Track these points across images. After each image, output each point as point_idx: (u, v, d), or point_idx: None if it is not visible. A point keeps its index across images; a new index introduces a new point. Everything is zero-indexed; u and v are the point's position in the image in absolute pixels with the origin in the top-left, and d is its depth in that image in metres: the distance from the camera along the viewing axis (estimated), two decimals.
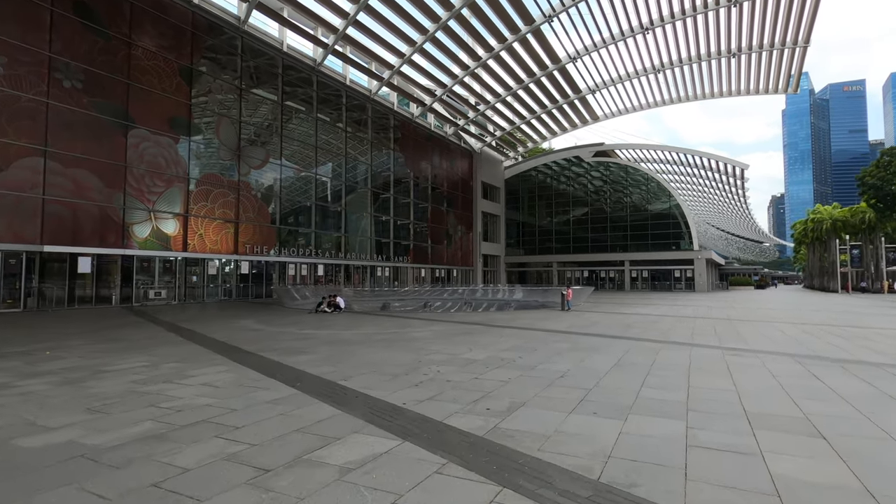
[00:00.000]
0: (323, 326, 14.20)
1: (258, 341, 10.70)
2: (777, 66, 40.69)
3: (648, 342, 10.80)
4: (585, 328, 13.90)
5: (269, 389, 6.07)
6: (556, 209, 58.76)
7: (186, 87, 25.61)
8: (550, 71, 41.07)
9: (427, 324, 15.27)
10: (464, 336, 11.79)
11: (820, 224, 55.32)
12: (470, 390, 6.03)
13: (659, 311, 21.64)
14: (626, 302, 29.47)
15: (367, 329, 13.69)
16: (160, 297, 23.97)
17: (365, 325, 14.72)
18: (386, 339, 11.27)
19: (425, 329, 13.49)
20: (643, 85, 46.04)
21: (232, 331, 12.76)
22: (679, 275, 50.88)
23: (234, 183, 28.11)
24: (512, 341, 10.78)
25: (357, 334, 12.21)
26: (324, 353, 9.08)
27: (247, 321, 15.55)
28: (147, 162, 23.66)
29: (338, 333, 12.37)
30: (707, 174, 57.49)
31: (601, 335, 12.11)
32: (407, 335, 12.00)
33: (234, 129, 28.23)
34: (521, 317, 18.33)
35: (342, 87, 36.39)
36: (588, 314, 19.20)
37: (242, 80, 28.85)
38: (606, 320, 16.62)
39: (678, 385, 6.39)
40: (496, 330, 13.31)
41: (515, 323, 15.55)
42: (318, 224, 34.92)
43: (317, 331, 13.01)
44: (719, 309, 23.44)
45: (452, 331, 13.05)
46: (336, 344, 10.30)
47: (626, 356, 8.66)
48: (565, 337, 11.60)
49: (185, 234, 25.36)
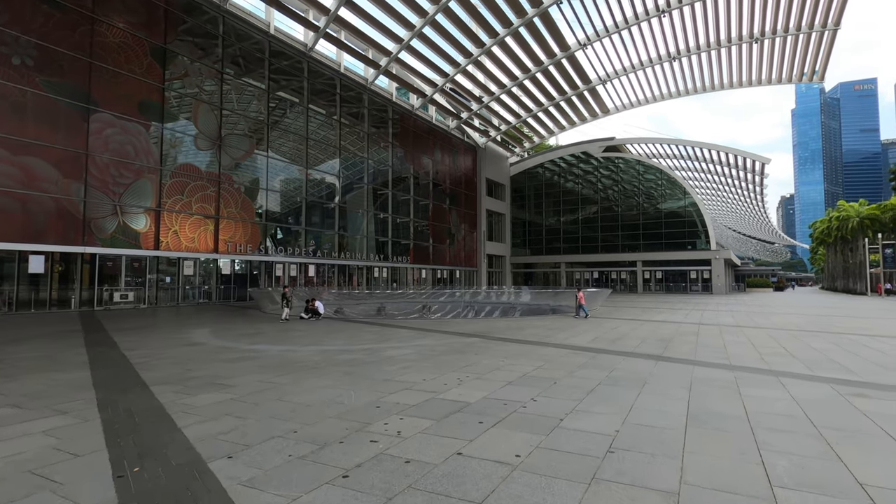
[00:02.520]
0: (283, 339, 11.63)
1: (179, 364, 8.12)
2: (803, 52, 37.89)
3: (711, 368, 7.89)
4: (613, 343, 11.20)
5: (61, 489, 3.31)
6: (565, 207, 56.01)
7: (159, 69, 23.25)
8: (559, 59, 38.48)
9: (415, 335, 12.71)
10: (456, 356, 9.05)
11: (846, 222, 52.16)
12: (439, 495, 3.23)
13: (690, 317, 18.94)
14: (646, 306, 26.77)
15: (337, 343, 11.09)
16: (127, 300, 21.58)
17: (337, 338, 12.13)
18: (351, 360, 8.67)
19: (409, 344, 10.86)
20: (657, 74, 43.35)
21: (164, 347, 10.24)
22: (695, 276, 48.01)
23: (215, 175, 25.72)
24: (520, 365, 8.08)
25: (317, 352, 9.56)
26: (246, 387, 6.45)
27: (199, 332, 13.02)
28: (113, 150, 21.30)
29: (293, 351, 9.77)
30: (723, 170, 54.63)
31: (638, 355, 9.42)
32: (382, 354, 9.37)
33: (215, 116, 25.85)
34: (530, 325, 15.75)
35: (336, 75, 33.98)
36: (608, 322, 16.56)
37: (224, 64, 26.47)
38: (635, 330, 13.90)
39: (836, 477, 3.54)
40: (500, 346, 10.60)
41: (524, 334, 12.96)
42: (310, 221, 32.49)
43: (271, 346, 10.45)
44: (760, 315, 20.63)
45: (443, 347, 10.38)
46: (276, 370, 7.65)
47: (697, 398, 5.82)
48: (592, 358, 8.94)
49: (158, 230, 22.98)
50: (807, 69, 39.85)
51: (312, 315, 16.64)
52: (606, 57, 40.07)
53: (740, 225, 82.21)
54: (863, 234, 48.94)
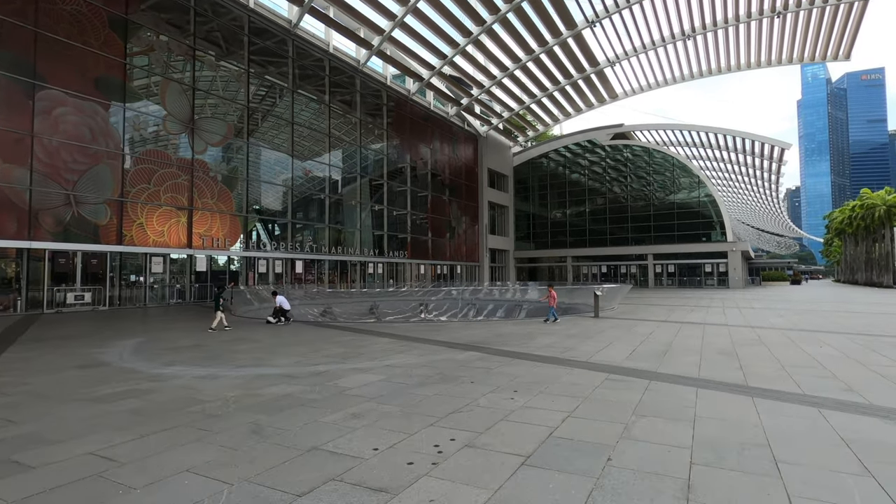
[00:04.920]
0: (215, 357, 8.74)
1: (14, 406, 5.48)
2: (829, 27, 35.05)
3: (854, 414, 5.00)
4: (661, 359, 8.28)
5: None
6: (571, 198, 53.28)
7: (120, 42, 20.71)
8: (564, 38, 35.72)
9: (396, 347, 10.18)
10: (441, 389, 6.29)
11: (871, 210, 49.27)
12: None
13: (730, 317, 16.24)
14: (668, 302, 24.12)
15: (285, 362, 8.26)
16: (83, 301, 19.13)
17: (291, 352, 9.34)
18: (283, 396, 5.90)
19: (381, 364, 8.00)
20: (669, 55, 40.52)
21: (45, 369, 7.53)
22: (710, 269, 45.31)
23: (187, 162, 23.22)
24: (540, 408, 5.31)
25: (243, 382, 6.74)
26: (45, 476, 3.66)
27: (121, 345, 10.17)
28: (64, 132, 18.80)
29: (212, 378, 6.98)
30: (737, 158, 51.82)
31: (711, 383, 6.48)
32: (335, 383, 6.60)
33: (187, 97, 23.31)
34: (541, 330, 13.19)
35: (325, 55, 31.37)
36: (636, 324, 13.91)
37: (197, 41, 23.90)
38: (677, 337, 11.00)
39: None
40: (506, 366, 7.75)
41: (537, 344, 10.36)
42: (298, 214, 29.98)
43: (189, 369, 7.63)
44: (811, 313, 17.96)
45: (427, 369, 7.56)
46: (148, 421, 4.85)
47: None
48: (647, 391, 6.05)
49: (120, 223, 20.51)
50: (832, 46, 37.02)
51: (280, 318, 14.09)
52: (616, 35, 37.48)
53: (752, 216, 79.30)
54: (890, 224, 46.13)
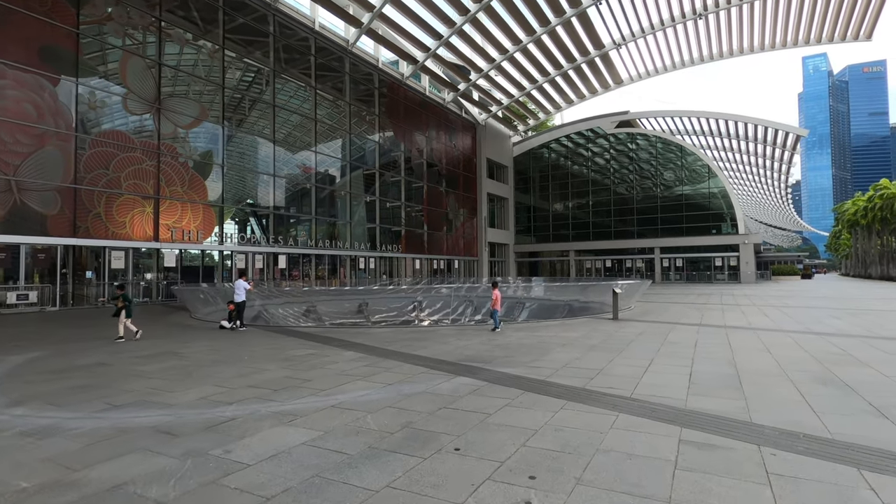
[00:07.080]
0: (84, 390, 5.97)
1: None
2: (850, 4, 32.74)
3: None
4: (738, 394, 5.60)
5: None
6: (573, 190, 50.97)
7: (71, 8, 18.37)
8: (568, 17, 33.33)
9: (356, 369, 7.86)
10: (399, 462, 3.68)
11: (890, 201, 47.08)
12: None
13: (778, 320, 13.79)
14: (688, 300, 21.85)
15: (180, 398, 5.57)
16: (27, 300, 16.87)
17: (220, 374, 6.91)
18: (105, 492, 3.26)
19: (331, 400, 5.46)
20: (680, 36, 38.18)
21: None
22: (721, 263, 43.13)
23: (153, 146, 20.91)
24: None
25: (79, 445, 4.06)
26: None
27: (8, 361, 8.15)
28: (3, 109, 16.49)
29: (45, 435, 4.32)
30: (746, 147, 49.59)
31: (853, 448, 3.88)
32: (224, 456, 3.82)
33: (152, 74, 20.98)
34: (552, 337, 10.96)
35: (310, 33, 29.00)
36: (670, 331, 11.40)
37: (162, 12, 21.54)
38: (740, 355, 8.02)
39: None
40: (510, 413, 4.87)
41: (549, 360, 8.05)
42: (279, 204, 27.69)
43: (29, 414, 5.09)
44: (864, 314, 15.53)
45: (387, 415, 4.89)
46: None
47: None
48: (779, 485, 3.18)
49: (74, 213, 18.23)
50: (853, 25, 34.71)
51: (235, 323, 11.80)
52: (623, 15, 34.94)
53: (757, 209, 77.12)
54: None
